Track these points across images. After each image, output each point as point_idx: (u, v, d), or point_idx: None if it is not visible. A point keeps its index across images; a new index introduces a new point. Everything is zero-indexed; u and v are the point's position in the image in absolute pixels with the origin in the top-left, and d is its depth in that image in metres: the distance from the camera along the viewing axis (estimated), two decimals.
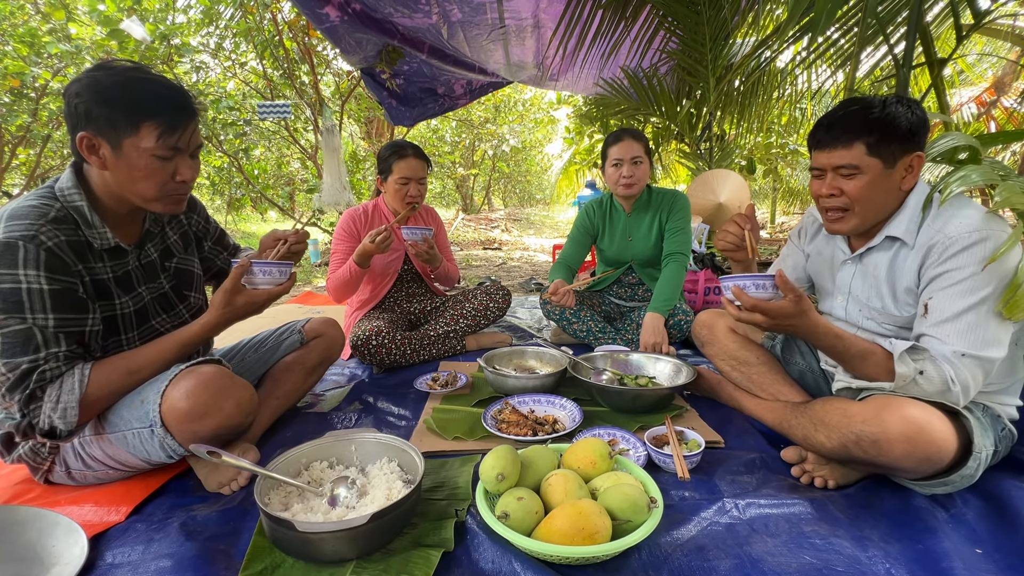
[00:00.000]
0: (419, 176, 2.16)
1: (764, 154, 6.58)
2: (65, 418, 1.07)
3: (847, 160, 1.18)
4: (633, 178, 2.18)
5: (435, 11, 3.31)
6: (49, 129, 5.64)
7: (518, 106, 11.85)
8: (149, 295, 1.28)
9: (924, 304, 1.15)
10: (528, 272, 5.48)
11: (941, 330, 1.10)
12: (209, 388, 1.12)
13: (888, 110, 1.14)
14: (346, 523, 0.93)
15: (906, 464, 1.04)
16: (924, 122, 1.16)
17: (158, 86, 1.10)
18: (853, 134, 1.16)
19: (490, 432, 1.45)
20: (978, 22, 1.91)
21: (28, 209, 1.06)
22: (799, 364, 1.59)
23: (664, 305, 2.10)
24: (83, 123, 1.06)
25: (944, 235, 1.12)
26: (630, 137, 2.18)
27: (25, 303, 1.02)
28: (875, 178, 1.17)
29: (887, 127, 1.14)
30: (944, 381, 1.08)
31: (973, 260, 1.08)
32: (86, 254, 1.13)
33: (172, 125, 1.09)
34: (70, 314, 1.08)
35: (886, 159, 1.16)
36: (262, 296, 1.24)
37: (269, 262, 1.23)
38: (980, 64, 6.16)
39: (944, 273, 1.12)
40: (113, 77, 1.06)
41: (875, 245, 1.27)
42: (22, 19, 4.92)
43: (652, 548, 1.00)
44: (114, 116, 1.05)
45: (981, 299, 1.07)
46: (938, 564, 0.95)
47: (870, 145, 1.15)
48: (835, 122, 1.19)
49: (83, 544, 0.97)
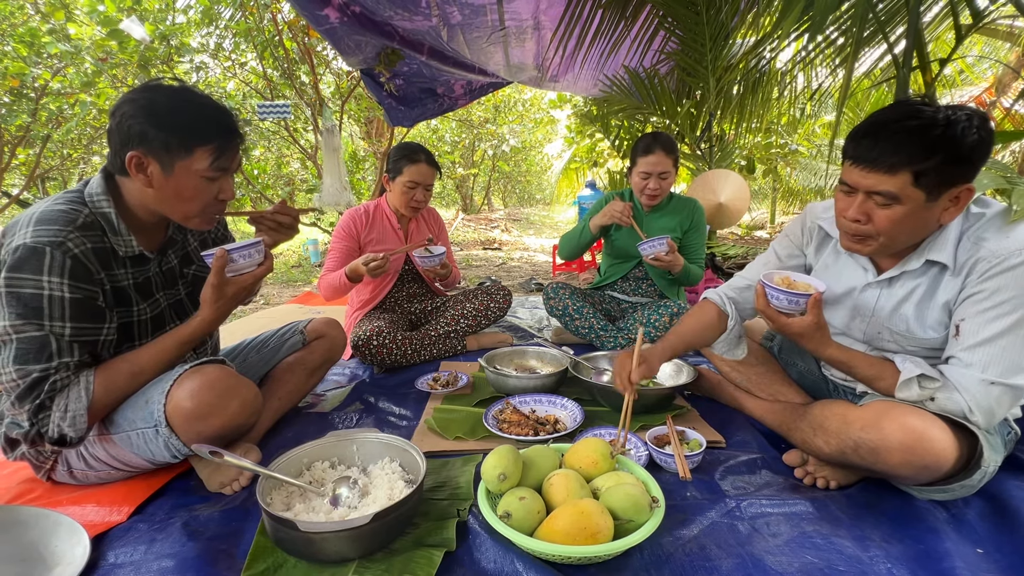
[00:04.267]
0: (427, 183, 2.17)
1: (764, 154, 6.58)
2: (75, 426, 1.07)
3: (886, 188, 0.99)
4: (659, 190, 2.23)
5: (434, 13, 3.30)
6: (49, 129, 5.64)
7: (518, 106, 11.84)
8: (166, 301, 1.29)
9: (956, 325, 1.06)
10: (528, 272, 5.48)
11: (971, 355, 1.02)
12: (214, 388, 1.12)
13: (953, 130, 0.93)
14: (348, 523, 0.94)
15: (904, 471, 1.04)
16: (990, 147, 0.96)
17: (212, 111, 1.13)
18: (901, 158, 0.96)
19: (491, 432, 1.45)
20: (977, 22, 1.91)
21: (57, 214, 1.06)
22: (799, 366, 1.58)
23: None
24: (135, 143, 1.07)
25: (989, 251, 1.02)
26: (661, 149, 2.16)
27: (45, 310, 1.03)
28: (913, 211, 1.00)
29: (947, 153, 0.94)
30: (959, 410, 1.03)
31: (1016, 282, 0.99)
32: (110, 261, 1.14)
33: (224, 148, 1.13)
34: (88, 323, 1.08)
35: (932, 191, 0.98)
36: (248, 280, 1.23)
37: (241, 244, 1.20)
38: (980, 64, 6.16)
39: (980, 293, 1.02)
40: (168, 100, 1.08)
41: (911, 270, 1.12)
42: (22, 19, 4.91)
43: (654, 548, 1.00)
44: (169, 140, 1.07)
45: (1018, 322, 0.99)
46: (939, 564, 0.95)
47: (919, 174, 0.96)
48: (884, 137, 0.98)
49: (85, 544, 0.98)
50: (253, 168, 7.44)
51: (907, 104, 1.01)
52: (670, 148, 2.18)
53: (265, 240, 1.29)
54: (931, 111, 0.97)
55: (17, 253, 1.01)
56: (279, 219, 1.36)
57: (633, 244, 2.34)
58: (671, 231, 2.31)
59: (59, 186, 8.74)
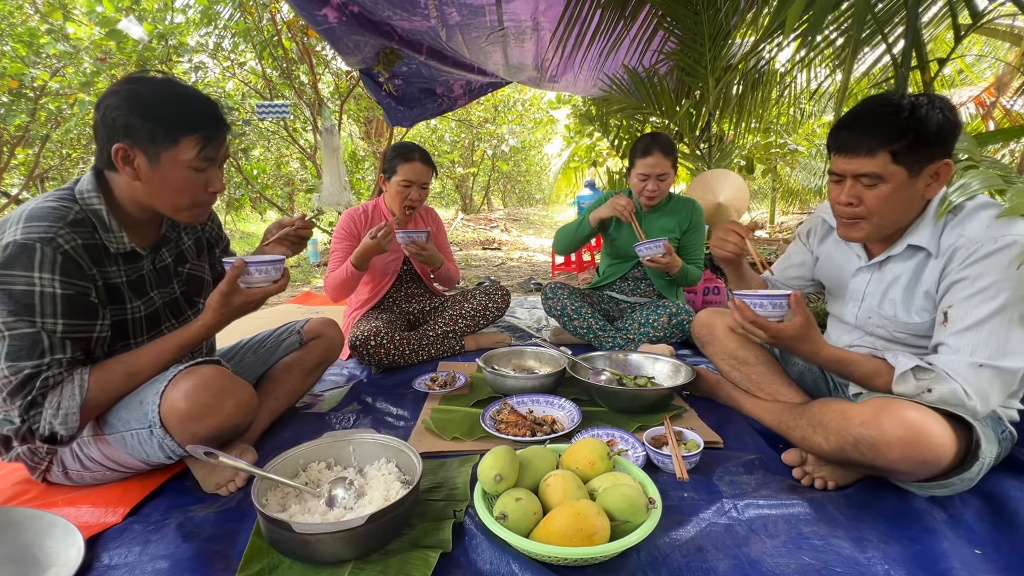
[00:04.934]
0: (422, 181, 2.16)
1: (763, 154, 6.58)
2: (66, 424, 1.07)
3: (869, 169, 1.09)
4: (657, 191, 2.23)
5: (433, 14, 3.30)
6: (48, 129, 5.64)
7: (517, 106, 11.83)
8: (161, 299, 1.29)
9: (944, 312, 1.10)
10: (527, 272, 5.47)
11: (960, 339, 1.06)
12: (209, 388, 1.11)
13: (918, 113, 1.05)
14: (343, 524, 0.93)
15: (903, 467, 1.04)
16: (956, 125, 1.07)
17: (196, 101, 1.12)
18: (878, 140, 1.07)
19: (489, 432, 1.45)
20: (976, 22, 1.91)
21: (47, 211, 1.06)
22: (798, 364, 1.58)
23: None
24: (120, 135, 1.06)
25: (967, 239, 1.08)
26: (660, 151, 2.16)
27: (36, 306, 1.02)
28: (898, 188, 1.09)
29: (917, 132, 1.05)
30: (957, 397, 1.05)
31: (997, 266, 1.04)
32: (102, 258, 1.13)
33: (210, 138, 1.12)
34: (80, 320, 1.08)
35: (912, 167, 1.08)
36: (258, 295, 1.24)
37: (263, 259, 1.22)
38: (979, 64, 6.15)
39: (964, 279, 1.07)
40: (152, 90, 1.08)
41: (896, 254, 1.21)
42: (20, 19, 4.91)
43: (650, 549, 1.00)
44: (154, 130, 1.07)
45: (1003, 306, 1.03)
46: (936, 565, 0.95)
47: (896, 153, 1.06)
48: (858, 125, 1.10)
49: (80, 545, 0.97)
50: (253, 168, 7.45)
51: (876, 97, 1.14)
52: (668, 149, 2.18)
53: (287, 253, 1.32)
54: (897, 99, 1.09)
55: (7, 250, 1.01)
56: (301, 234, 1.44)
57: (630, 244, 2.34)
58: (670, 232, 2.31)
59: (58, 186, 8.73)
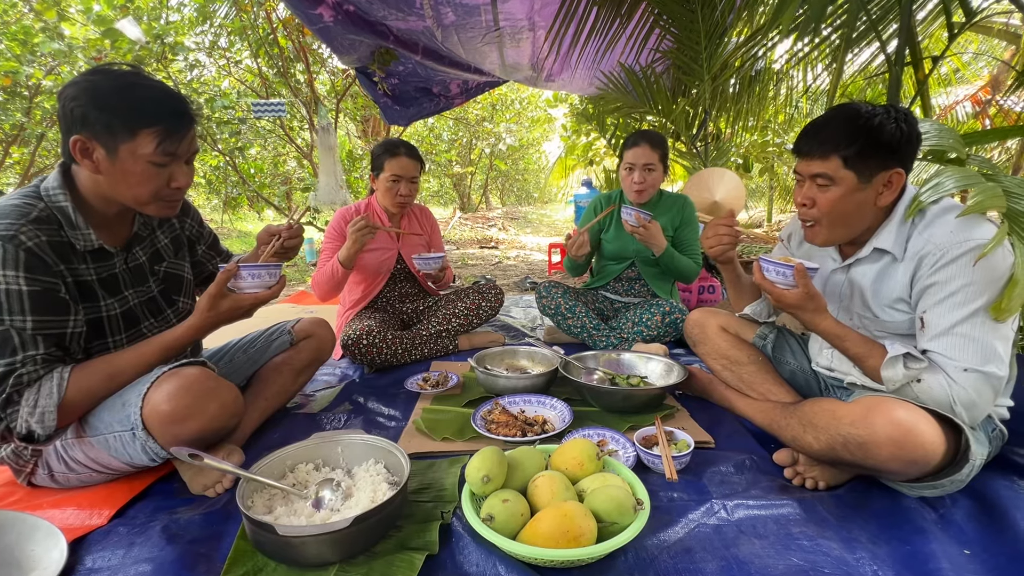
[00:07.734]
0: (410, 175, 2.15)
1: (760, 152, 6.58)
2: (43, 423, 1.06)
3: (821, 170, 1.15)
4: (644, 184, 2.20)
5: (428, 14, 3.28)
6: (43, 128, 5.62)
7: (515, 104, 11.82)
8: (136, 298, 1.27)
9: (920, 318, 1.13)
10: (524, 271, 5.46)
11: (939, 344, 1.08)
12: (192, 390, 1.10)
13: (872, 121, 1.10)
14: (327, 526, 0.92)
15: (893, 466, 1.04)
16: (912, 138, 1.12)
17: (157, 92, 1.09)
18: (831, 144, 1.13)
19: (479, 433, 1.44)
20: (969, 20, 1.90)
21: (9, 209, 1.05)
22: (790, 364, 1.58)
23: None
24: (78, 126, 1.05)
25: (934, 244, 1.10)
26: (647, 143, 2.16)
27: (3, 304, 1.01)
28: (847, 192, 1.15)
29: (867, 140, 1.10)
30: (944, 392, 1.06)
31: (964, 270, 1.05)
32: (68, 255, 1.12)
33: (170, 132, 1.09)
34: (50, 316, 1.07)
35: (861, 173, 1.13)
36: (248, 301, 1.23)
37: (257, 265, 1.22)
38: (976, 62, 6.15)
39: (935, 284, 1.09)
40: (111, 82, 1.06)
41: (863, 256, 1.25)
42: (15, 17, 4.89)
43: (638, 550, 0.99)
44: (111, 122, 1.04)
45: (974, 311, 1.05)
46: (925, 565, 0.94)
47: (847, 158, 1.12)
48: (817, 130, 1.17)
49: (62, 548, 0.96)
50: (249, 167, 7.42)
51: (843, 105, 1.18)
52: (656, 143, 2.18)
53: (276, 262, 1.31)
54: (859, 108, 1.13)
55: None
56: (288, 244, 1.43)
57: (624, 246, 2.34)
58: (663, 229, 2.30)
59: None
